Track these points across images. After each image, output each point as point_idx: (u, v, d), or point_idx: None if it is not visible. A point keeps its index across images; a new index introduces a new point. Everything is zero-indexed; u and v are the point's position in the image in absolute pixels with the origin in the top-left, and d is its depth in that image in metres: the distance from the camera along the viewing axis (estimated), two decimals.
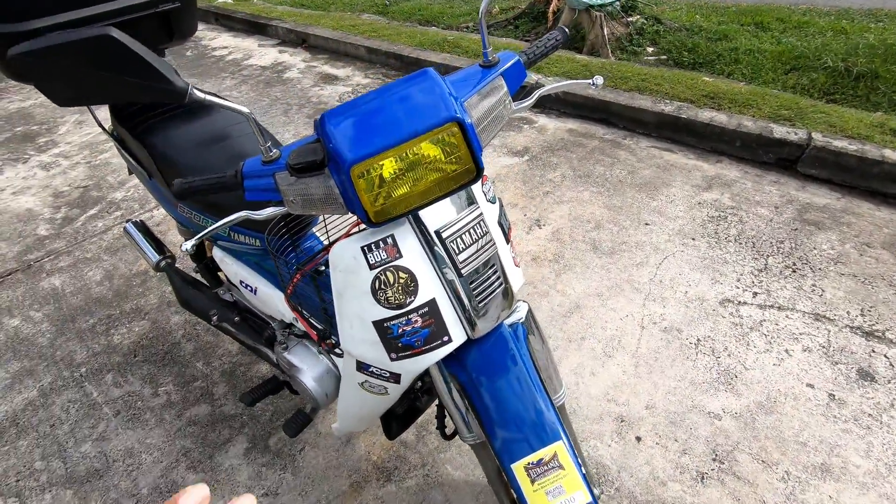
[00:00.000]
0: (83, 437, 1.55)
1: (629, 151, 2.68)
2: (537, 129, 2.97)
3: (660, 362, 1.63)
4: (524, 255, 2.08)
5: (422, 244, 0.75)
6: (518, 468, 0.79)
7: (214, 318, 1.36)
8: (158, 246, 1.54)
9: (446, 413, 0.94)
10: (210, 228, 0.75)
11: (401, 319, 0.76)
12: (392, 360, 0.79)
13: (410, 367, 0.80)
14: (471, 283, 0.78)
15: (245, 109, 0.69)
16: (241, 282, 1.29)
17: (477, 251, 0.78)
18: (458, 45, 3.87)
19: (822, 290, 1.83)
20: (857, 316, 1.73)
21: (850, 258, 1.95)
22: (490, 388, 0.81)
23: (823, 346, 1.64)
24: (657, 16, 4.18)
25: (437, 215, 0.75)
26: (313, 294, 0.99)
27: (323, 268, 1.07)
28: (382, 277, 0.74)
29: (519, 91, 0.81)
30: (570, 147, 2.76)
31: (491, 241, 0.80)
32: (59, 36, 0.60)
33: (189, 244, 0.73)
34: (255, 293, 1.26)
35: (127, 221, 1.58)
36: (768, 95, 2.81)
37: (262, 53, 4.55)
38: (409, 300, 0.75)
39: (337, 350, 1.01)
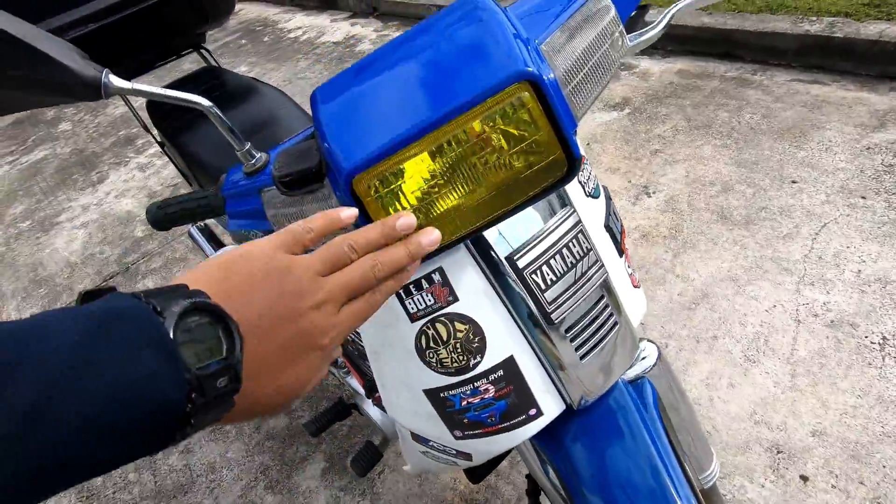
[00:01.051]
0: (170, 449, 1.53)
1: (762, 90, 2.15)
2: (638, 74, 2.49)
3: (828, 370, 1.23)
4: (631, 232, 1.72)
5: (487, 279, 0.49)
6: None
7: None
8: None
9: (541, 490, 0.69)
10: None
11: (464, 389, 0.51)
12: (457, 438, 0.56)
13: (484, 449, 0.56)
14: (567, 329, 0.50)
15: (204, 102, 0.47)
16: None
17: (575, 282, 0.50)
18: None
19: None
20: None
21: None
22: (598, 480, 0.54)
23: None
24: None
25: (510, 231, 0.48)
26: (354, 336, 0.77)
27: None
28: (431, 332, 0.49)
29: (633, 17, 0.50)
30: (681, 92, 2.28)
31: (597, 262, 0.52)
32: None
33: None
34: None
35: (191, 225, 1.50)
36: None
37: (335, 29, 4.41)
38: (473, 361, 0.50)
39: None
